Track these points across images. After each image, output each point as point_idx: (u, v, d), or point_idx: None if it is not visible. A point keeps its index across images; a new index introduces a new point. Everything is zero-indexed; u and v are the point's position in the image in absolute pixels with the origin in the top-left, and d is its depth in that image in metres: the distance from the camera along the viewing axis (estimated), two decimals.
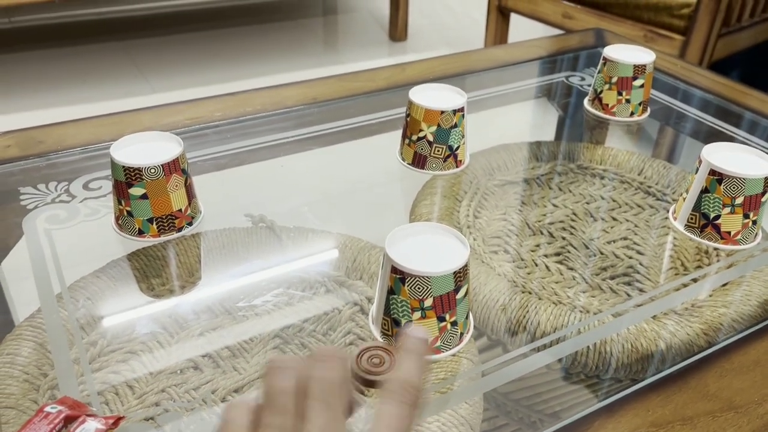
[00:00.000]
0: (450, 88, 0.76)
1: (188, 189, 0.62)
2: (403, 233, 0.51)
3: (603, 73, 0.89)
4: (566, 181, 0.87)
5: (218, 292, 0.65)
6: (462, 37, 2.44)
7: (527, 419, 0.70)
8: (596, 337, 0.61)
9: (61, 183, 0.67)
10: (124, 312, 0.62)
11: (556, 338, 0.62)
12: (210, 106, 0.80)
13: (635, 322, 0.63)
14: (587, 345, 0.61)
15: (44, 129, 0.73)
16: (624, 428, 0.43)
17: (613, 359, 0.61)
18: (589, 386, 0.63)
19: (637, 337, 0.62)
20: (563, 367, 0.63)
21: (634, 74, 0.87)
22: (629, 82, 0.88)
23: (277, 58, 2.18)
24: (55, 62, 2.08)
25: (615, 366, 0.61)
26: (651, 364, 0.60)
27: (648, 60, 0.87)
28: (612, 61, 0.87)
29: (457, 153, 0.77)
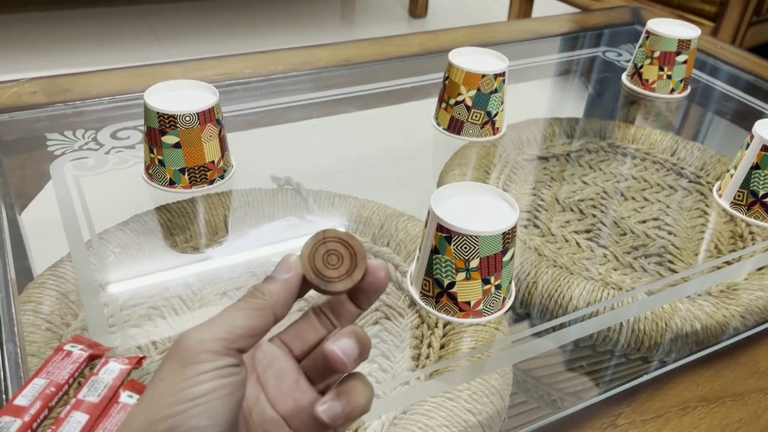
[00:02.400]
0: (491, 52, 0.74)
1: (222, 141, 0.60)
2: (449, 192, 0.49)
3: (645, 47, 0.87)
4: (597, 159, 0.85)
5: (243, 252, 0.63)
6: (483, 15, 2.40)
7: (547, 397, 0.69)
8: (630, 314, 0.59)
9: (89, 131, 0.65)
10: (148, 267, 0.60)
11: (588, 313, 0.60)
12: (240, 63, 0.78)
13: (670, 301, 0.61)
14: (620, 321, 0.60)
15: (71, 77, 0.71)
16: (673, 401, 0.42)
17: (646, 338, 0.60)
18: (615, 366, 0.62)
19: (671, 316, 0.60)
20: (591, 345, 0.61)
21: (678, 49, 0.85)
22: (672, 57, 0.85)
23: (292, 31, 2.15)
24: (74, 24, 2.06)
25: (648, 345, 0.60)
26: (684, 345, 0.59)
27: (693, 35, 0.84)
28: (656, 35, 0.84)
29: (495, 120, 0.75)
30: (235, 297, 0.59)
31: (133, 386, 0.42)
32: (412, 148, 0.80)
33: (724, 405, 0.41)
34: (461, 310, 0.49)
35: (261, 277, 0.60)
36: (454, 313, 0.49)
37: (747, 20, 1.46)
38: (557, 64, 0.96)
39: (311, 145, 0.76)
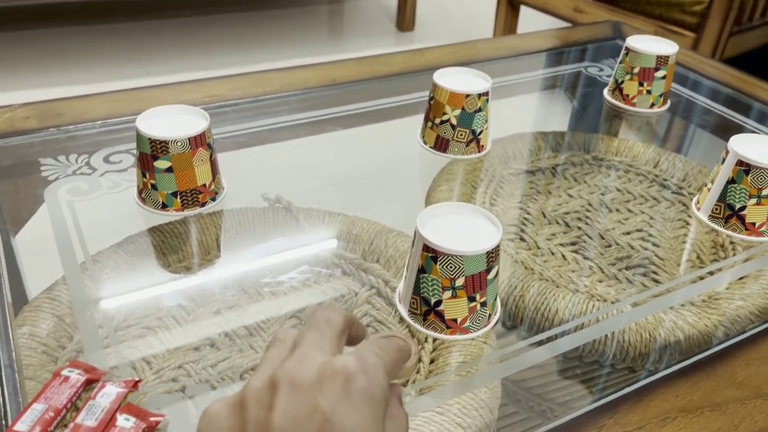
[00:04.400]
0: (474, 72, 0.76)
1: (213, 164, 0.62)
2: (434, 212, 0.51)
3: (625, 63, 0.89)
4: (581, 172, 0.87)
5: (235, 271, 0.64)
6: (470, 28, 2.43)
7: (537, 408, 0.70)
8: (615, 326, 0.61)
9: (82, 155, 0.67)
10: (142, 288, 0.61)
11: (574, 326, 0.62)
12: (229, 85, 0.80)
13: (653, 312, 0.63)
14: (606, 333, 0.61)
15: (63, 102, 0.72)
16: (653, 412, 0.43)
17: (631, 348, 0.61)
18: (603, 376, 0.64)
19: (655, 327, 0.62)
20: (578, 356, 0.63)
21: (656, 65, 0.87)
22: (651, 72, 0.88)
23: (280, 46, 2.17)
24: (60, 42, 2.07)
25: (632, 355, 0.61)
26: (668, 355, 0.61)
27: (671, 51, 0.86)
28: (635, 52, 0.87)
29: (480, 138, 0.77)
30: (228, 316, 0.60)
31: (130, 409, 0.43)
32: (399, 166, 0.82)
33: (703, 415, 0.43)
34: (448, 327, 0.50)
35: (253, 296, 0.61)
36: (442, 330, 0.50)
37: (728, 30, 1.49)
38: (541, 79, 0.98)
39: (301, 165, 0.78)
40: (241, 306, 0.61)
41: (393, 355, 0.31)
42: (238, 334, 0.59)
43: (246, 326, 0.60)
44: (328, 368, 0.28)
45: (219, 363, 0.56)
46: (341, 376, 0.28)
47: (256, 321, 0.60)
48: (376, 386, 0.29)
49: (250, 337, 0.59)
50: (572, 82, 1.00)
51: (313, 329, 0.31)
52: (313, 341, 0.30)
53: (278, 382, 0.28)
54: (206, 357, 0.56)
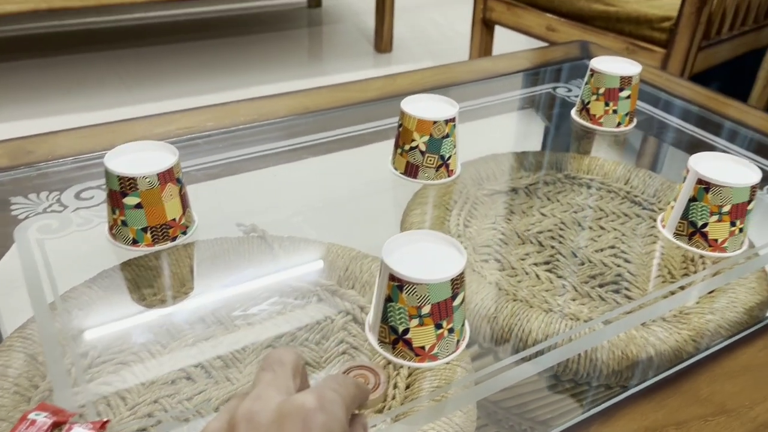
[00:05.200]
0: (442, 98, 0.77)
1: (183, 198, 0.62)
2: (399, 241, 0.52)
3: (590, 85, 0.91)
4: (554, 191, 0.88)
5: (210, 302, 0.64)
6: (446, 48, 2.46)
7: (518, 427, 0.70)
8: (587, 345, 0.62)
9: (53, 193, 0.67)
10: (115, 322, 0.61)
11: (547, 346, 0.62)
12: (202, 116, 0.81)
13: (625, 330, 0.64)
14: (578, 352, 0.62)
15: (34, 139, 0.73)
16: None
17: (604, 366, 0.62)
18: (580, 393, 0.64)
19: (627, 344, 0.63)
20: (554, 375, 0.63)
21: (620, 85, 0.89)
22: (616, 93, 0.89)
23: (261, 70, 2.19)
24: (40, 72, 2.07)
25: (606, 373, 0.62)
26: (641, 371, 0.61)
27: (634, 72, 0.88)
28: (599, 73, 0.89)
29: (449, 162, 0.78)
30: (204, 348, 0.60)
31: None
32: (373, 191, 0.83)
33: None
34: (417, 355, 0.50)
35: (231, 328, 0.61)
36: (411, 357, 0.51)
37: (696, 45, 1.52)
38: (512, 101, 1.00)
39: (274, 194, 0.78)
40: (216, 337, 0.61)
41: (351, 390, 0.32)
42: (214, 366, 0.59)
43: (222, 358, 0.60)
44: (286, 406, 0.29)
45: (195, 396, 0.56)
46: (300, 413, 0.28)
47: (232, 352, 0.60)
48: (335, 422, 0.29)
49: (226, 368, 0.59)
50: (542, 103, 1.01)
51: (267, 370, 0.32)
52: (269, 381, 0.31)
53: (237, 423, 0.29)
54: (182, 390, 0.56)
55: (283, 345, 0.61)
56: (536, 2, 1.76)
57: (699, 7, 1.46)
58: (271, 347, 0.61)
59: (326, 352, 0.61)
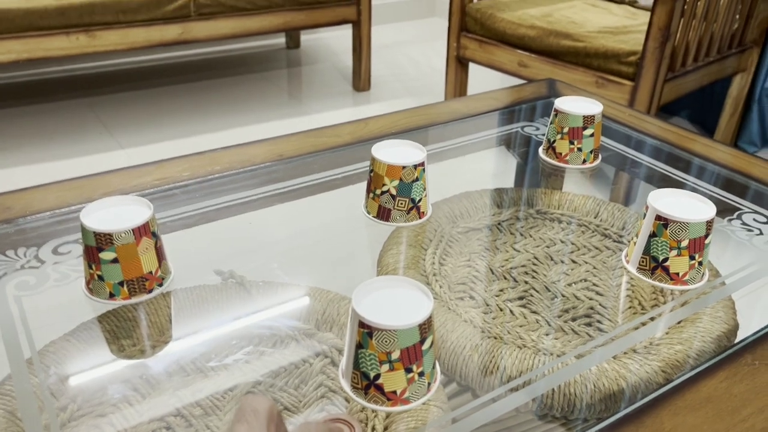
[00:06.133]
0: (410, 143, 0.80)
1: (158, 251, 0.63)
2: (369, 288, 0.53)
3: (555, 124, 0.94)
4: (527, 226, 0.90)
5: (189, 350, 0.65)
6: (423, 85, 2.51)
7: None
8: (560, 379, 0.63)
9: (30, 248, 0.68)
10: (94, 375, 0.62)
11: (522, 382, 0.63)
12: (178, 166, 0.82)
13: (597, 363, 0.65)
14: (552, 387, 0.63)
15: (11, 195, 0.74)
16: None
17: (578, 400, 0.63)
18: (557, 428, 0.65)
19: (599, 377, 0.64)
20: (531, 410, 0.64)
21: (583, 124, 0.92)
22: (579, 131, 0.92)
23: (242, 111, 2.22)
24: (22, 120, 2.08)
25: (580, 407, 0.63)
26: (614, 403, 0.63)
27: (596, 111, 0.92)
28: (563, 113, 0.92)
29: (420, 205, 0.80)
30: (183, 397, 0.60)
31: None
32: (348, 234, 0.84)
33: None
34: (389, 399, 0.52)
35: (211, 376, 0.62)
36: (383, 402, 0.52)
37: (662, 77, 1.57)
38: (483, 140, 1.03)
39: (251, 239, 0.80)
40: (195, 385, 0.62)
41: None
42: (194, 415, 0.60)
43: (201, 406, 0.60)
44: None
45: None
46: None
47: (211, 399, 0.61)
48: None
49: (206, 416, 0.60)
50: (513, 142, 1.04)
51: (241, 421, 0.33)
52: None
53: None
54: None
55: (262, 390, 0.61)
56: (507, 40, 1.82)
57: (662, 41, 1.51)
58: (250, 393, 0.62)
59: (305, 396, 0.62)
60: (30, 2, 1.72)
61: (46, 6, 1.74)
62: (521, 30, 1.77)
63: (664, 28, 1.50)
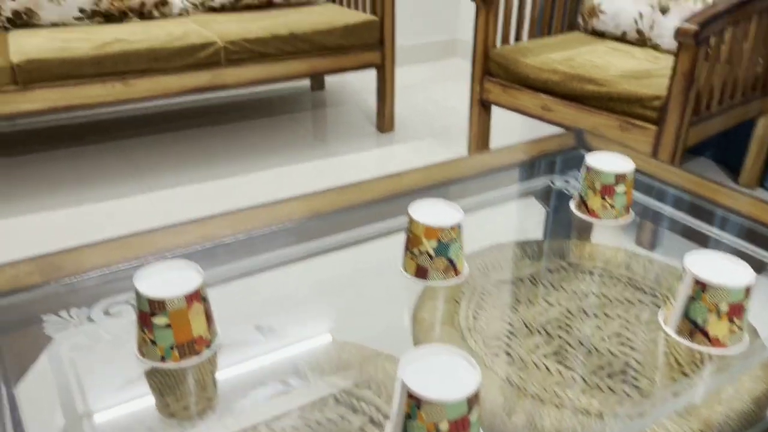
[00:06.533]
0: (447, 203, 0.82)
1: (207, 314, 0.66)
2: (415, 356, 0.54)
3: (586, 180, 0.96)
4: (558, 279, 0.91)
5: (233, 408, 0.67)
6: (446, 126, 2.55)
7: None
8: None
9: (82, 309, 0.70)
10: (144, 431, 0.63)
11: None
12: (219, 223, 0.85)
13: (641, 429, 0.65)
14: None
15: (63, 254, 0.77)
16: None
17: None
18: None
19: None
20: None
21: (615, 182, 0.93)
22: (611, 189, 0.94)
23: (269, 152, 2.26)
24: (56, 163, 2.14)
25: None
26: None
27: (628, 169, 0.93)
28: (594, 170, 0.93)
29: (457, 264, 0.82)
30: None
31: None
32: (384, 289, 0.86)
33: None
34: None
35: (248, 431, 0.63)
36: None
37: (687, 121, 1.58)
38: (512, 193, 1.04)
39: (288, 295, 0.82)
40: None
41: None
42: None
43: None
44: None
45: None
46: None
47: None
48: None
49: None
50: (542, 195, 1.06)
51: None
52: None
53: None
54: None
55: None
56: (531, 84, 1.85)
57: (687, 86, 1.52)
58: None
59: None
60: (66, 52, 1.79)
61: (82, 56, 1.81)
62: (544, 75, 1.80)
63: (688, 73, 1.52)
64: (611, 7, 2.00)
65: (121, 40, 1.88)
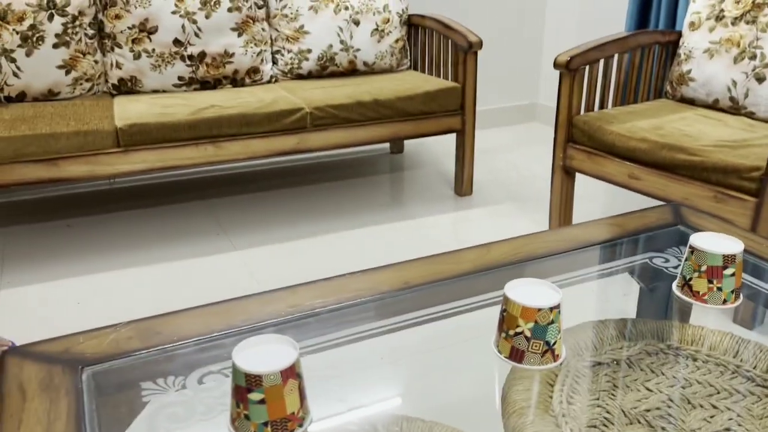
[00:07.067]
0: (544, 283, 0.79)
1: (301, 391, 0.65)
2: None
3: (691, 261, 0.91)
4: (657, 363, 0.86)
5: None
6: (526, 190, 2.52)
7: None
8: None
9: (178, 377, 0.72)
10: None
11: None
12: (309, 292, 0.86)
13: None
14: None
15: (161, 319, 0.79)
16: None
17: None
18: None
19: None
20: None
21: (723, 264, 0.88)
22: (719, 271, 0.89)
23: (349, 214, 2.30)
24: (146, 220, 2.25)
25: None
26: None
27: (737, 250, 0.88)
28: (700, 251, 0.89)
29: (554, 348, 0.79)
30: None
31: None
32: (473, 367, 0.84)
33: None
34: None
35: None
36: None
37: None
38: (607, 270, 1.01)
39: (377, 370, 0.81)
40: None
41: None
42: None
43: None
44: None
45: None
46: None
47: None
48: None
49: None
50: (638, 272, 1.02)
51: None
52: None
53: None
54: None
55: None
56: (617, 152, 1.81)
57: None
58: None
59: None
60: (166, 117, 1.90)
61: (180, 120, 1.91)
62: (632, 143, 1.76)
63: None
64: (702, 74, 1.95)
65: (216, 105, 1.99)
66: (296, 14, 2.37)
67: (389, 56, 2.51)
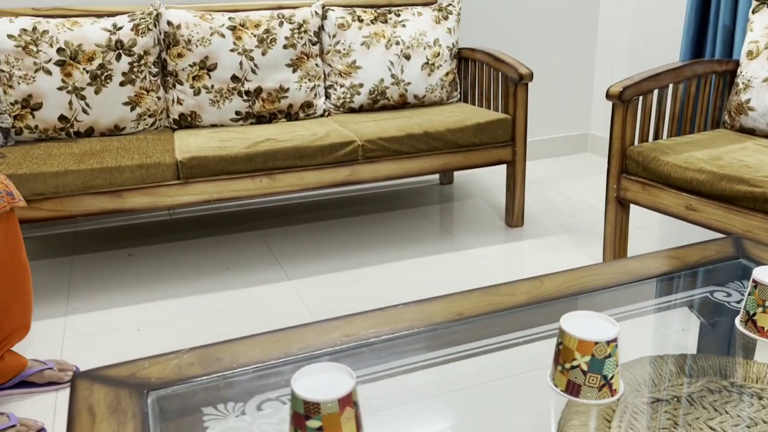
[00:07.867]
0: (601, 315, 0.78)
1: (357, 420, 0.66)
2: None
3: (755, 296, 0.88)
4: (720, 401, 0.83)
5: None
6: (578, 222, 2.49)
7: None
8: None
9: (238, 404, 0.74)
10: None
11: None
12: (364, 322, 0.87)
13: None
14: None
15: (221, 346, 0.82)
16: None
17: None
18: None
19: None
20: None
21: None
22: None
23: (398, 244, 2.31)
24: (202, 250, 2.32)
25: None
26: None
27: None
28: (764, 285, 0.86)
29: (612, 382, 0.77)
30: None
31: None
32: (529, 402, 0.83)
33: None
34: None
35: None
36: None
37: None
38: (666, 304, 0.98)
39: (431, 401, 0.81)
40: None
41: None
42: None
43: None
44: None
45: None
46: None
47: None
48: None
49: None
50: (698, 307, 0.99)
51: None
52: None
53: None
54: None
55: None
56: (673, 183, 1.77)
57: None
58: None
59: None
60: (223, 150, 1.97)
61: (237, 153, 1.98)
62: (688, 173, 1.73)
63: None
64: (762, 104, 1.91)
65: (271, 139, 2.05)
66: (349, 50, 2.43)
67: (439, 89, 2.54)
